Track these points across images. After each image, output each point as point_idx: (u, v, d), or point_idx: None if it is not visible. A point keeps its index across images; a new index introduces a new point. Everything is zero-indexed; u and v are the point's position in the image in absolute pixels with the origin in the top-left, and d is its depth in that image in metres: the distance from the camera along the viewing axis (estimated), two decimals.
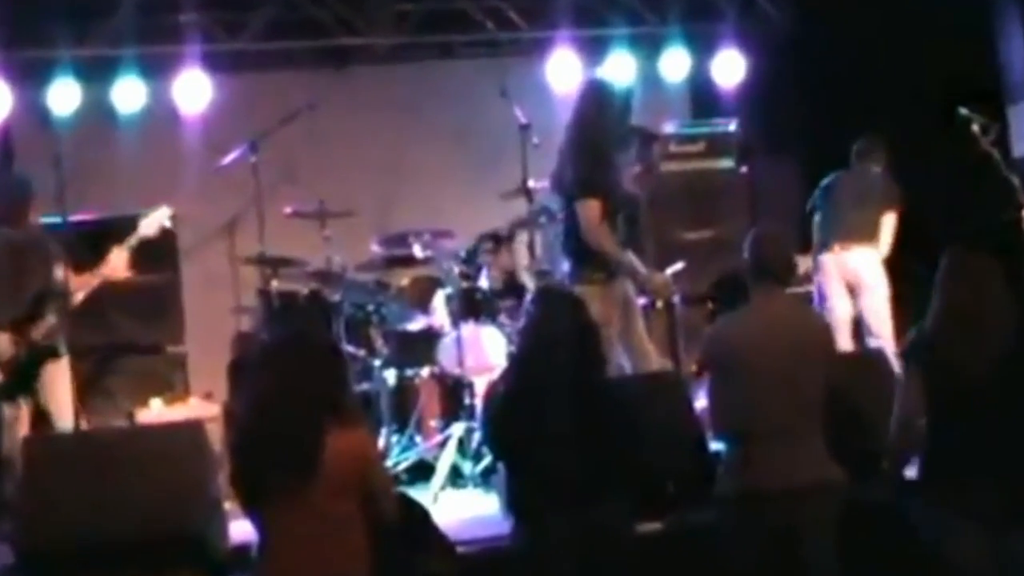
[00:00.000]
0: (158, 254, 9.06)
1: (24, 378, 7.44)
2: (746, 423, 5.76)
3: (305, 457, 5.00)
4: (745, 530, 5.72)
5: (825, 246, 9.21)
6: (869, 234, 9.12)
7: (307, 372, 5.11)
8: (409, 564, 5.44)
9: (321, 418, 5.04)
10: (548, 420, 5.50)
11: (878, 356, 7.70)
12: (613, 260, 7.50)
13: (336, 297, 8.91)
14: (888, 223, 9.13)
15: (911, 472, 6.26)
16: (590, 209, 7.46)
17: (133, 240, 7.69)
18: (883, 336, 8.95)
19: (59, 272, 7.52)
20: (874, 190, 9.18)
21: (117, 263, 7.61)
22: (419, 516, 5.69)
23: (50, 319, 7.45)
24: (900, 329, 8.89)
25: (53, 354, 7.48)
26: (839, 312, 9.03)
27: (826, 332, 6.08)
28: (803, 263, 9.60)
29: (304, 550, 5.07)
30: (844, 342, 8.73)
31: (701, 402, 6.90)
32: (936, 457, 5.56)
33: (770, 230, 6.11)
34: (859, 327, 9.20)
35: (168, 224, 7.84)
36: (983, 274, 5.58)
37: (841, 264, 9.15)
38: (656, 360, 7.88)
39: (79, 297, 7.56)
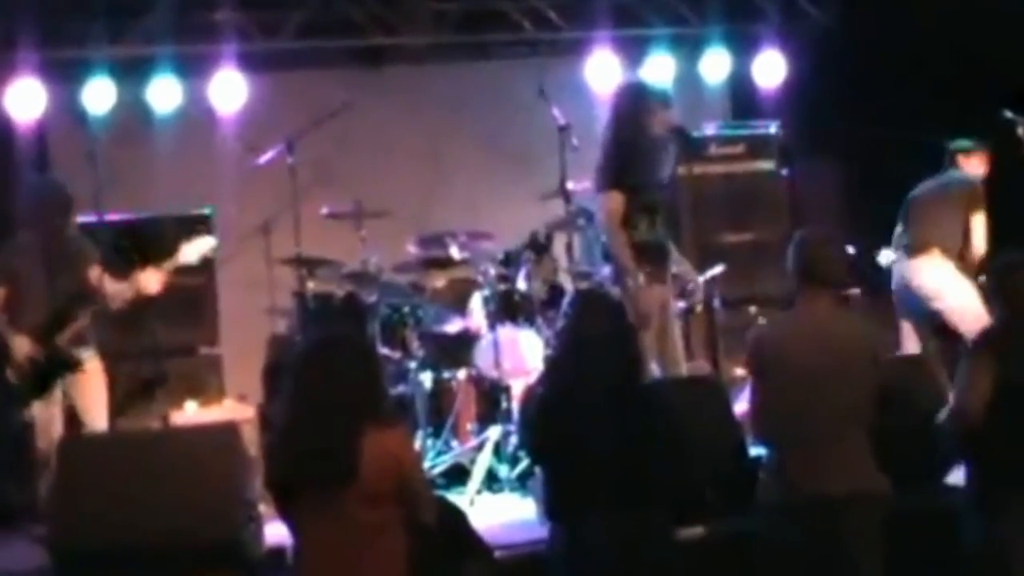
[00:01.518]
0: None
1: (39, 383, 7.39)
2: (788, 429, 5.68)
3: (341, 465, 4.95)
4: (787, 538, 5.63)
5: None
6: (930, 242, 8.80)
7: (342, 376, 5.05)
8: (446, 570, 5.38)
9: (357, 424, 4.98)
10: (586, 424, 5.45)
11: (925, 362, 7.60)
12: (616, 259, 7.58)
13: (372, 298, 8.87)
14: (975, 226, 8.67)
15: (957, 478, 6.20)
16: (608, 201, 7.61)
17: (170, 265, 7.64)
18: None
19: (92, 275, 7.47)
20: (946, 194, 8.79)
21: (151, 284, 7.56)
22: (456, 520, 5.64)
23: (79, 322, 7.42)
24: None
25: (74, 366, 7.42)
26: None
27: (871, 338, 5.93)
28: None
29: (337, 559, 5.03)
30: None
31: (741, 406, 6.82)
32: (997, 459, 5.49)
33: (816, 232, 6.01)
34: None
35: (210, 255, 7.83)
36: None
37: (900, 274, 8.87)
38: (685, 370, 7.86)
39: (115, 306, 7.51)
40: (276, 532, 6.90)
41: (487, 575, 5.57)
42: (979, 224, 8.65)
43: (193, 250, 7.71)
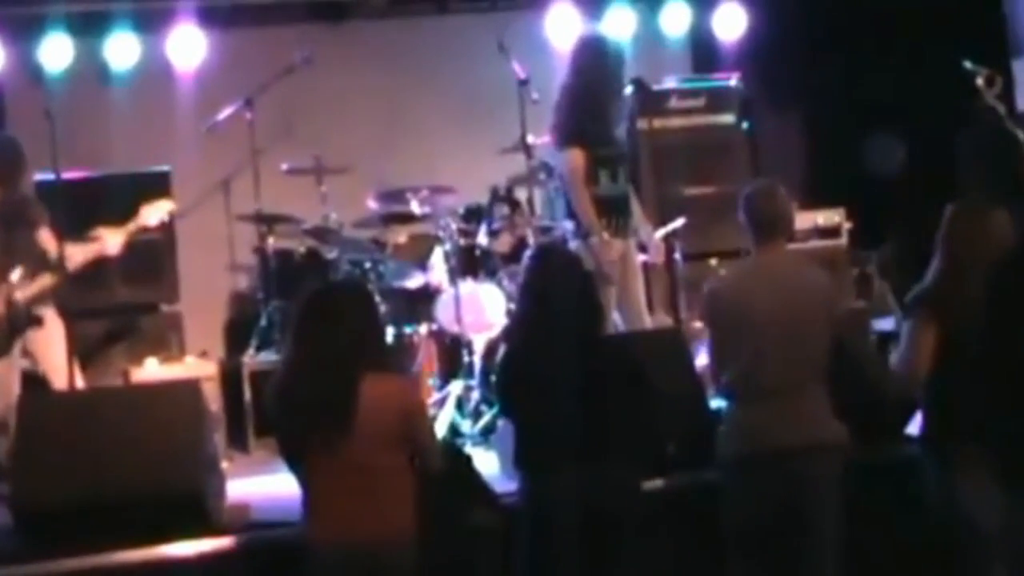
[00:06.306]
0: None
1: (2, 340, 7.35)
2: (745, 381, 5.68)
3: (340, 414, 5.03)
4: (747, 490, 5.66)
5: None
6: None
7: (340, 323, 5.11)
8: (455, 516, 5.47)
9: (356, 372, 5.06)
10: (549, 377, 5.47)
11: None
12: (580, 216, 7.62)
13: (332, 254, 8.85)
14: None
15: (913, 428, 6.23)
16: (570, 159, 7.63)
17: (131, 226, 7.70)
18: None
19: (44, 235, 7.45)
20: None
21: (112, 245, 7.59)
22: (464, 466, 5.74)
23: (41, 282, 7.39)
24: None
25: (35, 321, 7.40)
26: None
27: (827, 287, 5.92)
28: (805, 218, 9.55)
29: (348, 504, 5.09)
30: None
31: (701, 360, 6.85)
32: (946, 411, 5.51)
33: (766, 184, 6.01)
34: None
35: (167, 218, 7.93)
36: (987, 225, 5.53)
37: None
38: (648, 323, 7.89)
39: (73, 266, 7.48)
40: (238, 489, 6.94)
41: (494, 521, 5.63)
42: None
43: (152, 213, 7.77)
